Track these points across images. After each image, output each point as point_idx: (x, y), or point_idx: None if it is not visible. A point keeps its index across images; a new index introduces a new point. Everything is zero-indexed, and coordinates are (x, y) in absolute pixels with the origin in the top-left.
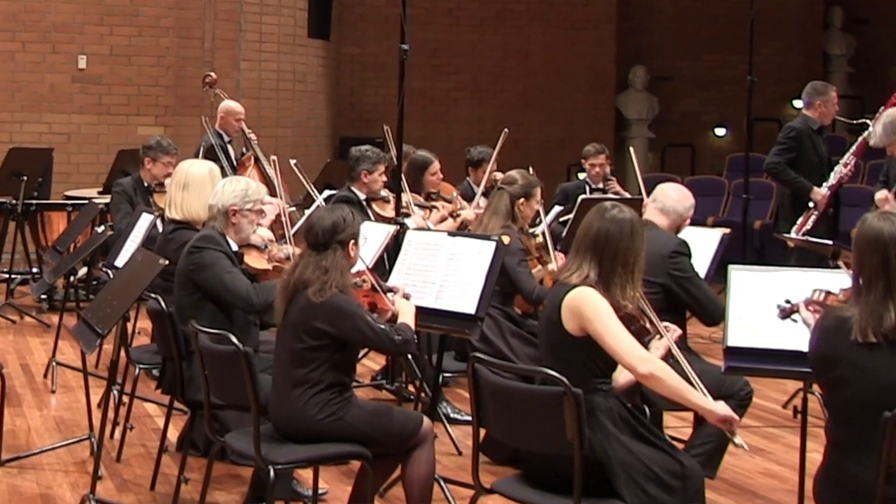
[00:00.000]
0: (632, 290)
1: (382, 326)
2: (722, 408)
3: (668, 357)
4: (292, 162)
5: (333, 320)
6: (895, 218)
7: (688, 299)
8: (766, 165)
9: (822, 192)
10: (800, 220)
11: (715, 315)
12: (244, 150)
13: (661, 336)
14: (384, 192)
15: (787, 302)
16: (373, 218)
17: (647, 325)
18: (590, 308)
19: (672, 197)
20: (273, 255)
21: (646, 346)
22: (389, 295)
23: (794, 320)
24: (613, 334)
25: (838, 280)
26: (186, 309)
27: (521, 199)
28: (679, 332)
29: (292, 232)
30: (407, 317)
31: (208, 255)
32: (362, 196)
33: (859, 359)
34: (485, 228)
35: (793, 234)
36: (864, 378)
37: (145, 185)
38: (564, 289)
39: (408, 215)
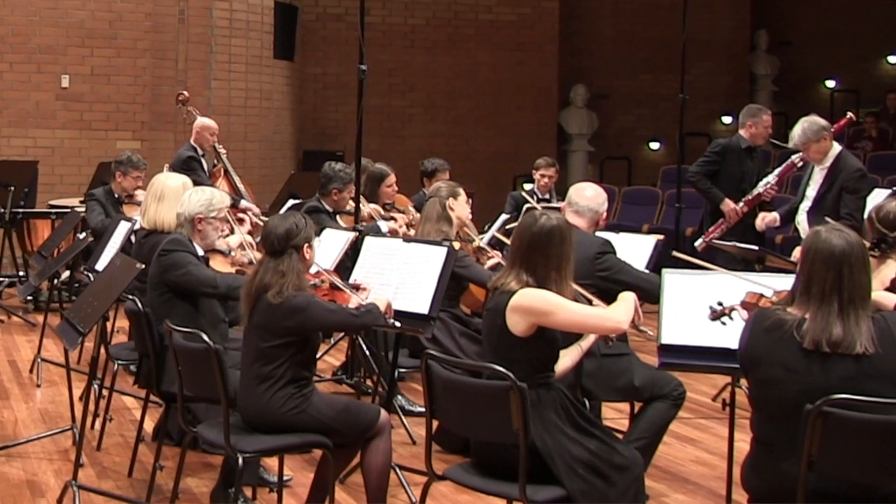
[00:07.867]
0: (564, 291)
1: (342, 307)
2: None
3: None
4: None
5: (295, 317)
6: (847, 234)
7: (627, 288)
8: (687, 174)
9: (732, 204)
10: (710, 228)
11: (654, 293)
12: (215, 162)
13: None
14: (350, 208)
15: (720, 304)
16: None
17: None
18: (543, 302)
19: (586, 196)
20: (237, 259)
21: None
22: (359, 291)
23: (724, 323)
24: (574, 311)
25: (766, 282)
26: (158, 308)
27: (450, 199)
28: None
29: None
30: (378, 300)
31: (176, 256)
32: (330, 209)
33: (796, 362)
34: (422, 235)
35: (700, 241)
36: (796, 380)
37: (116, 196)
38: (507, 295)
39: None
